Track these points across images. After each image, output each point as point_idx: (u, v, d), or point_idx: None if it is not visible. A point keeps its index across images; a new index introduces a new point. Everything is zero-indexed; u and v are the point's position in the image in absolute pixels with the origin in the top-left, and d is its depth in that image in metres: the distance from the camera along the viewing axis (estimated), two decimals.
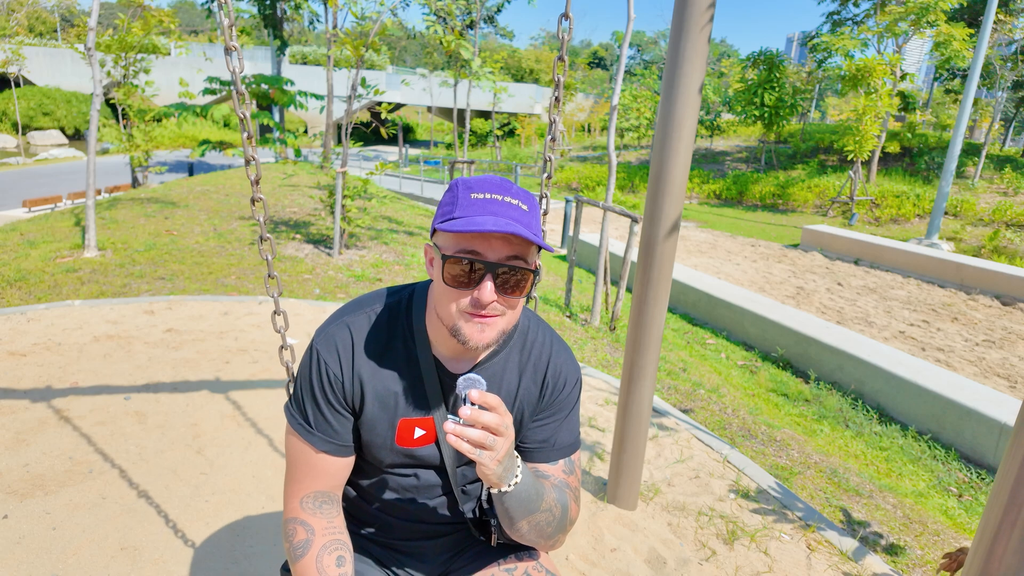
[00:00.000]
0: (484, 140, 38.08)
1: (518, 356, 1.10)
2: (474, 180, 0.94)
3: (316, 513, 1.06)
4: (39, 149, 29.24)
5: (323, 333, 1.05)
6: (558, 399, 1.12)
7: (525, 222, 0.93)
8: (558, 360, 1.12)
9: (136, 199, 9.48)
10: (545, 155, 1.53)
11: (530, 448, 1.12)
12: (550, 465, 1.13)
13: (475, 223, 0.87)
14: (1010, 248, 12.83)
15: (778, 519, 2.52)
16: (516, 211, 0.93)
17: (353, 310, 1.07)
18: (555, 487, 1.10)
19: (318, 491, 1.07)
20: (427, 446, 1.09)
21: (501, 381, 1.09)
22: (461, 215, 0.91)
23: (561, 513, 1.08)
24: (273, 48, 19.69)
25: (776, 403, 4.83)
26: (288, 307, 4.83)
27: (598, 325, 5.50)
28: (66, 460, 2.53)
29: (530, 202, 0.96)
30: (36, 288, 4.96)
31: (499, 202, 0.92)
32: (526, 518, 1.02)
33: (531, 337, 1.12)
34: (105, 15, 33.35)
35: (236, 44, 1.26)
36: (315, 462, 1.06)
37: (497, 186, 0.94)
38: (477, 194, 0.92)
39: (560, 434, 1.13)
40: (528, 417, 1.11)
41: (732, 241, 13.59)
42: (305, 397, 1.06)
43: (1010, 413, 4.03)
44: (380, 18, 7.47)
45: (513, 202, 0.93)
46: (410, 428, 1.07)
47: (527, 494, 1.00)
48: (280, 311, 1.44)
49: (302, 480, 1.07)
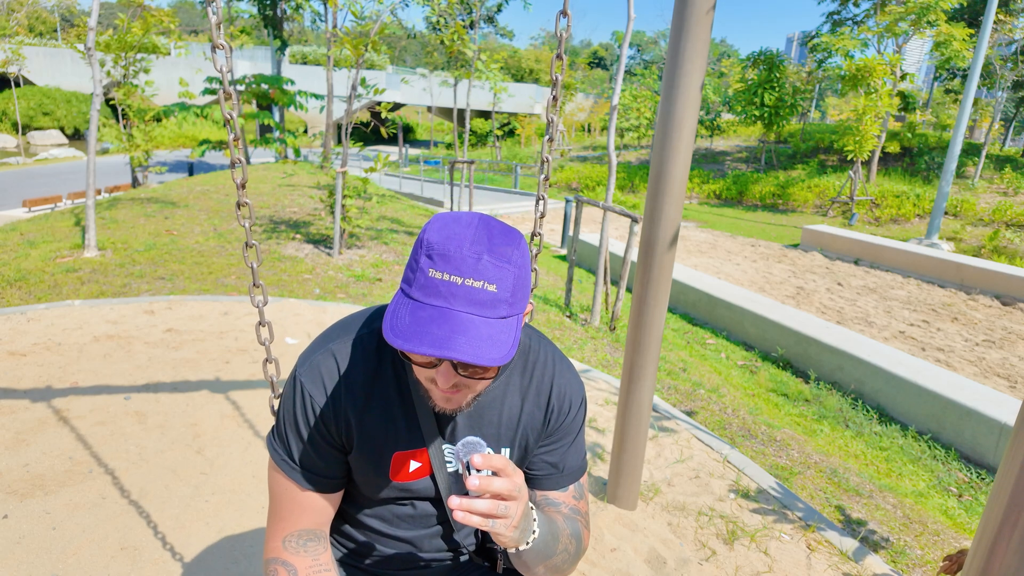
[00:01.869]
0: (484, 140, 38.08)
1: (519, 379, 1.03)
2: (440, 243, 0.77)
3: (300, 552, 0.99)
4: (39, 149, 29.24)
5: (307, 363, 0.97)
6: (564, 424, 1.06)
7: (486, 312, 0.76)
8: (562, 381, 1.05)
9: (136, 199, 9.48)
10: (543, 155, 1.51)
11: (538, 476, 1.07)
12: (560, 492, 1.07)
13: (412, 336, 0.73)
14: (1010, 248, 12.84)
15: (778, 519, 2.52)
16: (479, 298, 0.76)
17: (339, 335, 0.99)
18: (567, 519, 1.04)
19: (303, 529, 1.01)
20: (422, 479, 1.02)
21: (502, 407, 1.02)
22: (416, 296, 0.77)
23: (576, 547, 1.03)
24: (273, 48, 19.67)
25: (776, 403, 4.83)
26: (288, 307, 4.83)
27: (598, 325, 5.50)
28: (66, 460, 2.53)
29: (506, 270, 0.77)
30: (36, 288, 4.96)
31: (457, 287, 0.75)
32: (543, 563, 0.97)
33: (532, 357, 1.04)
34: (105, 15, 33.37)
35: (224, 42, 1.22)
36: (301, 499, 1.00)
37: (465, 256, 0.76)
38: (436, 271, 0.76)
39: (568, 459, 1.08)
40: (533, 443, 1.05)
41: (732, 241, 13.59)
42: (289, 432, 0.98)
43: (1010, 413, 4.03)
44: (380, 18, 7.47)
45: (476, 285, 0.75)
46: (404, 462, 1.00)
47: (544, 543, 0.93)
48: (264, 322, 1.38)
49: (286, 518, 1.00)
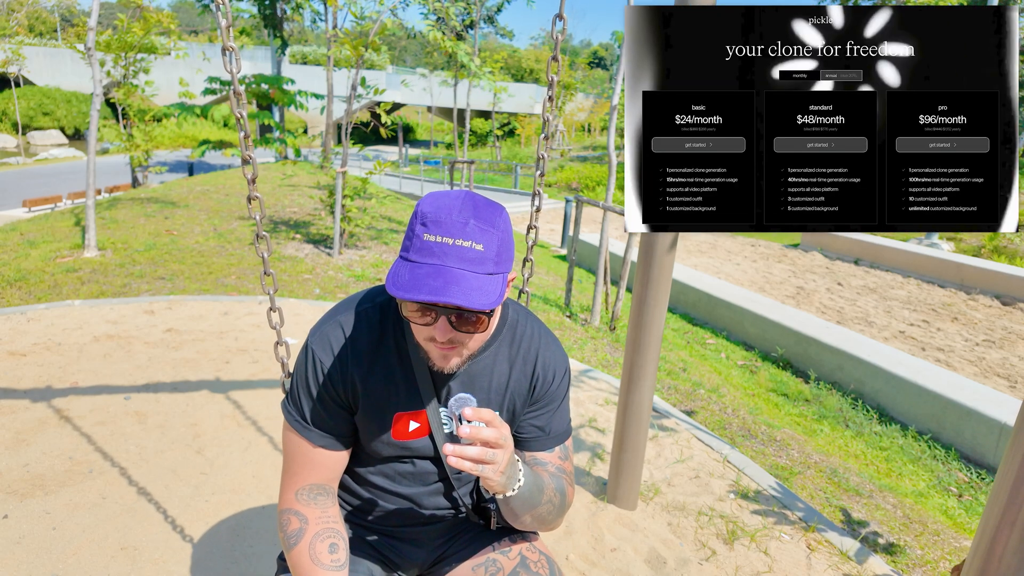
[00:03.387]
0: (484, 140, 38.08)
1: (507, 349, 1.13)
2: (432, 211, 0.90)
3: (310, 504, 1.08)
4: (39, 149, 29.25)
5: (317, 332, 1.08)
6: (549, 391, 1.16)
7: (475, 268, 0.89)
8: (546, 353, 1.15)
9: (136, 199, 9.48)
10: (538, 153, 1.54)
11: (526, 438, 1.17)
12: (547, 453, 1.18)
13: (412, 287, 0.85)
14: (1010, 248, 12.83)
15: (778, 519, 2.52)
16: (468, 255, 0.88)
17: (345, 309, 1.10)
18: (553, 476, 1.15)
19: (314, 484, 1.11)
20: (421, 438, 1.12)
21: (492, 374, 1.11)
22: (412, 257, 0.89)
23: (560, 500, 1.13)
24: (273, 48, 19.67)
25: (776, 403, 4.84)
26: (288, 307, 4.83)
27: (598, 325, 5.50)
28: (66, 460, 2.53)
29: (490, 233, 0.90)
30: (36, 288, 4.96)
31: (449, 247, 0.88)
32: (529, 512, 1.07)
33: (520, 330, 1.14)
34: (105, 15, 33.35)
35: (233, 44, 1.27)
36: (312, 456, 1.10)
37: (454, 221, 0.89)
38: (430, 235, 0.89)
39: (554, 423, 1.18)
40: (520, 408, 1.15)
41: (732, 241, 13.59)
42: (302, 394, 1.09)
43: (1010, 413, 4.03)
44: (380, 18, 7.47)
45: (465, 244, 0.88)
46: (405, 422, 1.10)
47: (530, 492, 1.04)
48: (275, 307, 1.45)
49: (298, 473, 1.11)
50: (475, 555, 1.20)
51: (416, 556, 1.24)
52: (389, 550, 1.23)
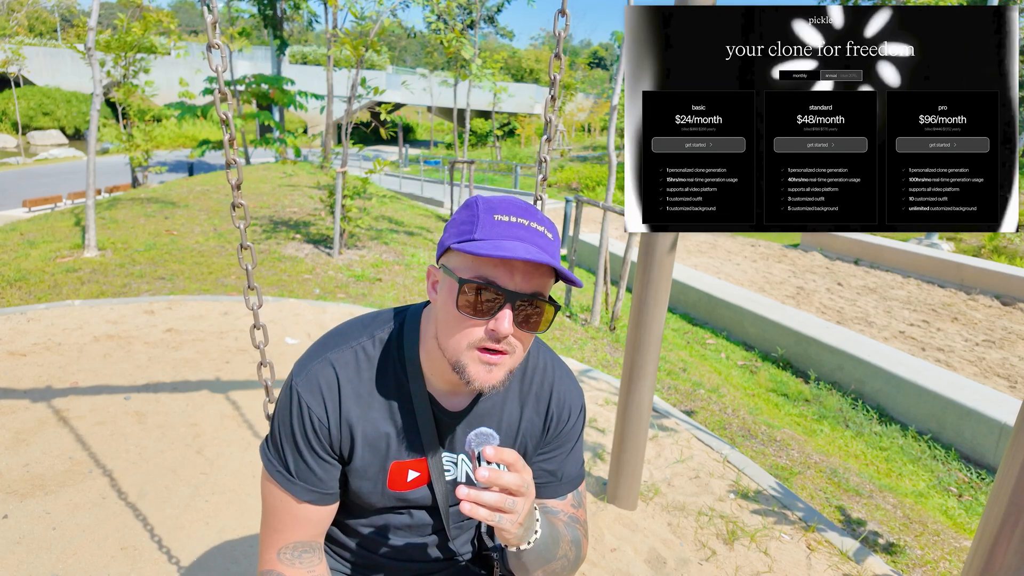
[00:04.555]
0: (484, 140, 38.07)
1: (518, 385, 1.03)
2: (496, 200, 0.88)
3: (295, 564, 0.98)
4: (39, 149, 29.25)
5: (304, 372, 0.95)
6: (563, 431, 1.06)
7: (551, 252, 0.86)
8: (561, 388, 1.05)
9: (136, 199, 9.48)
10: (540, 155, 1.52)
11: (536, 484, 1.05)
12: (558, 501, 1.07)
13: (503, 248, 0.79)
14: (1010, 248, 12.83)
15: (778, 519, 2.52)
16: (543, 239, 0.86)
17: (337, 344, 0.97)
18: (567, 526, 1.03)
19: (298, 541, 0.99)
20: (420, 488, 1.02)
21: (502, 414, 1.02)
22: (483, 237, 0.83)
23: (575, 554, 1.02)
24: (273, 48, 19.69)
25: (776, 403, 4.84)
26: (288, 307, 4.83)
27: (598, 325, 5.50)
28: (66, 460, 2.54)
29: (554, 230, 0.90)
30: (36, 288, 4.96)
31: (524, 227, 0.85)
32: (542, 567, 0.95)
33: (531, 363, 1.04)
34: (105, 15, 33.35)
35: (219, 42, 1.22)
36: (296, 511, 0.98)
37: (523, 210, 0.87)
38: (501, 216, 0.85)
39: (567, 466, 1.07)
40: (532, 451, 1.05)
41: (732, 241, 13.60)
42: (285, 443, 0.96)
43: (1010, 413, 4.03)
44: (380, 18, 7.47)
45: (539, 229, 0.86)
46: (403, 471, 1.00)
47: (546, 546, 0.92)
48: (259, 325, 1.36)
49: (281, 530, 0.99)
50: None
51: None
52: None
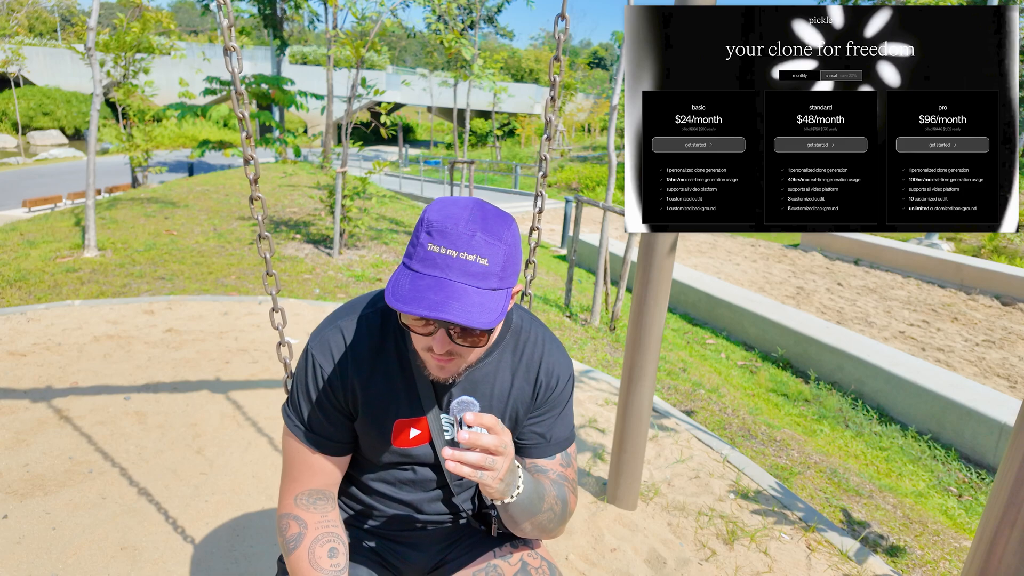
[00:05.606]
0: (484, 140, 38.08)
1: (511, 356, 1.12)
2: (441, 217, 0.88)
3: (310, 508, 1.08)
4: (39, 149, 29.25)
5: (318, 337, 1.07)
6: (552, 397, 1.14)
7: (478, 283, 0.86)
8: (550, 359, 1.14)
9: (136, 199, 9.48)
10: (541, 154, 1.54)
11: (527, 445, 1.15)
12: (548, 460, 1.16)
13: (411, 299, 0.83)
14: (1010, 248, 12.83)
15: (778, 519, 2.52)
16: (472, 270, 0.86)
17: (346, 314, 1.09)
18: (554, 483, 1.13)
19: (313, 489, 1.11)
20: (422, 445, 1.11)
21: (494, 382, 1.10)
22: (415, 267, 0.87)
23: (561, 508, 1.12)
24: (273, 48, 19.68)
25: (776, 403, 4.84)
26: (288, 307, 4.83)
27: (598, 325, 5.50)
28: (66, 460, 2.53)
29: (497, 247, 0.88)
30: (36, 288, 4.96)
31: (453, 260, 0.85)
32: (529, 520, 1.06)
33: (523, 336, 1.13)
34: (105, 15, 33.35)
35: (235, 45, 1.27)
36: (312, 462, 1.10)
37: (461, 232, 0.86)
38: (434, 245, 0.86)
39: (556, 429, 1.16)
40: (523, 415, 1.14)
41: (732, 241, 13.60)
42: (302, 400, 1.08)
43: (1010, 413, 4.03)
44: (380, 18, 7.47)
45: (470, 258, 0.86)
46: (405, 429, 1.09)
47: (530, 499, 1.02)
48: (278, 308, 1.45)
49: (298, 478, 1.10)
50: (476, 561, 1.19)
51: (416, 561, 1.24)
52: (389, 555, 1.23)
